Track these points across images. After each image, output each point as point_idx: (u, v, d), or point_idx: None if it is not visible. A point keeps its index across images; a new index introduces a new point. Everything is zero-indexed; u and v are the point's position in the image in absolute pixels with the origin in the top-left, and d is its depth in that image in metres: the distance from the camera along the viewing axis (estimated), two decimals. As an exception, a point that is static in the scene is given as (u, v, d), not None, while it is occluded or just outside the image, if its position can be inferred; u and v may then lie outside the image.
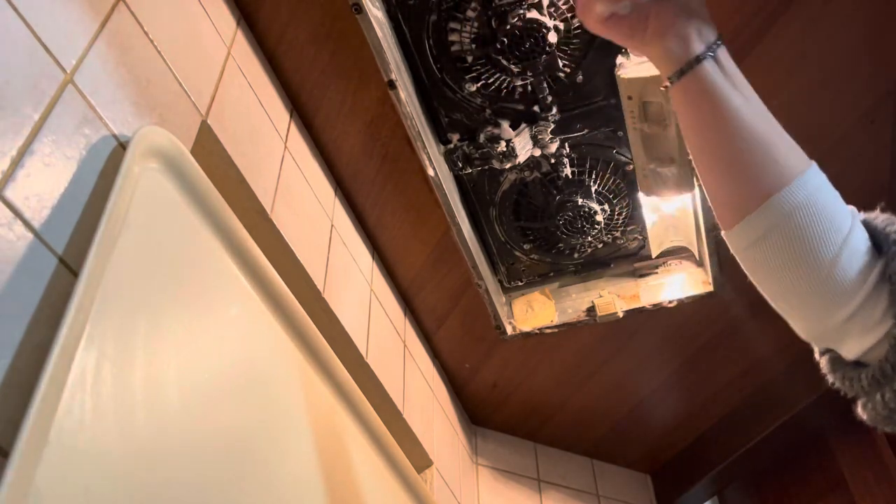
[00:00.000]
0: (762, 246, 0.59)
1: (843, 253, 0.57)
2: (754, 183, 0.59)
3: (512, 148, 1.18)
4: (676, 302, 1.40)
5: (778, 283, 0.60)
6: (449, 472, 1.48)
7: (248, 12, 1.06)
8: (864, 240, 0.59)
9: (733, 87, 0.62)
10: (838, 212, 0.59)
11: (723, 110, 0.61)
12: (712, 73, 0.62)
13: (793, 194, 0.58)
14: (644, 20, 0.66)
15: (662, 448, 1.92)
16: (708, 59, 0.62)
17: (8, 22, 0.57)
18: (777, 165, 0.59)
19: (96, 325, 0.55)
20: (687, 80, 0.63)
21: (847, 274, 0.57)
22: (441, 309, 1.49)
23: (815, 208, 0.58)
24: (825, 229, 0.57)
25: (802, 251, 0.57)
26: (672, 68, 0.64)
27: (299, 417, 0.88)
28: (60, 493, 0.48)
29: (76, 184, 0.60)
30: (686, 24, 0.63)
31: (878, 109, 1.15)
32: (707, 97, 0.62)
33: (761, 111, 0.62)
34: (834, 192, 0.60)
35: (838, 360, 0.61)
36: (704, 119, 0.62)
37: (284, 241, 0.98)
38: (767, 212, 0.58)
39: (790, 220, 0.57)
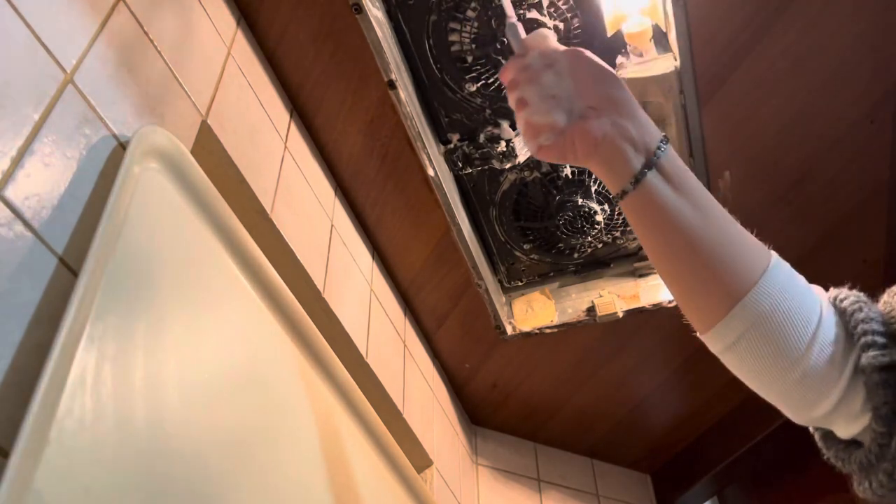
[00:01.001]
0: (735, 351, 0.59)
1: (812, 348, 0.56)
2: (717, 291, 0.58)
3: (512, 148, 1.18)
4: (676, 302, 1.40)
5: (758, 382, 0.60)
6: (449, 472, 1.48)
7: (248, 12, 1.06)
8: (832, 328, 0.57)
9: (680, 195, 0.60)
10: (805, 306, 0.57)
11: (672, 224, 0.59)
12: (656, 187, 0.60)
13: (757, 299, 0.57)
14: (571, 143, 0.65)
15: (662, 448, 1.92)
16: (648, 172, 0.60)
17: (8, 22, 0.57)
18: (737, 269, 0.58)
19: (96, 325, 0.55)
20: (631, 198, 0.61)
21: (819, 370, 0.56)
22: (441, 309, 1.49)
23: (782, 308, 0.56)
24: (793, 329, 0.56)
25: (773, 355, 0.57)
26: (615, 188, 0.63)
27: (299, 417, 0.87)
28: (60, 493, 0.48)
29: (76, 184, 0.60)
30: (617, 136, 0.62)
31: (878, 109, 1.15)
32: (654, 213, 0.60)
33: (713, 214, 0.60)
34: (799, 283, 0.59)
35: (831, 437, 0.61)
36: (656, 234, 0.61)
37: (284, 241, 0.98)
38: (735, 319, 0.58)
39: (758, 326, 0.57)
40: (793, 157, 1.23)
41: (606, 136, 0.62)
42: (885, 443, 0.53)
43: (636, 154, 0.61)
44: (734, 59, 1.09)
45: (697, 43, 1.06)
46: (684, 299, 0.63)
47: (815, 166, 1.24)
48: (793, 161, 1.23)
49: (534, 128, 0.68)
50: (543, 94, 0.67)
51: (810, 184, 1.26)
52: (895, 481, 0.53)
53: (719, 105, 1.13)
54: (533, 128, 0.68)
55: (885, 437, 0.53)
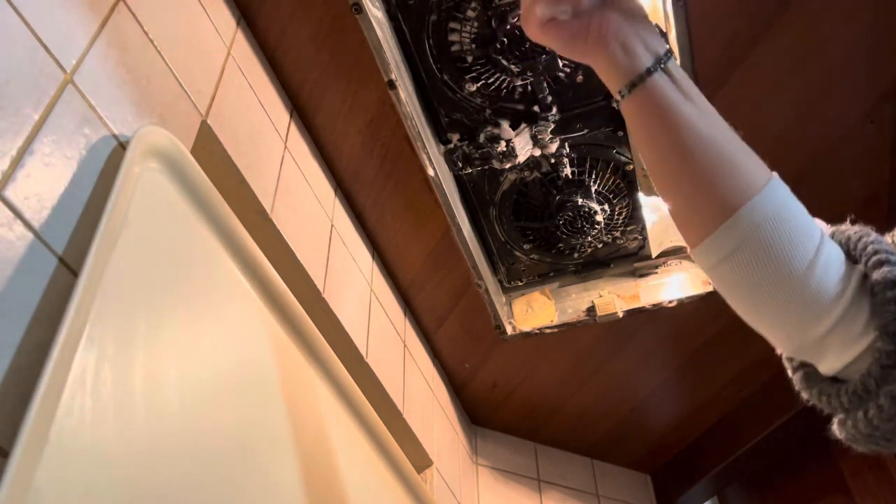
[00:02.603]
0: (731, 262, 0.56)
1: (817, 263, 0.54)
2: (717, 198, 0.56)
3: (512, 148, 1.18)
4: (676, 302, 1.40)
5: (751, 299, 0.57)
6: (449, 472, 1.48)
7: (248, 12, 1.06)
8: (837, 251, 0.56)
9: (687, 99, 0.59)
10: (807, 222, 0.56)
11: (678, 124, 0.58)
12: (664, 85, 0.59)
13: (760, 206, 0.55)
14: (586, 27, 0.62)
15: (662, 448, 1.92)
16: (658, 71, 0.59)
17: (8, 22, 0.57)
18: (739, 177, 0.56)
19: (96, 325, 0.55)
20: (638, 94, 0.59)
21: (823, 286, 0.54)
22: (441, 309, 1.49)
23: (784, 219, 0.55)
24: (796, 239, 0.54)
25: (775, 264, 0.54)
26: (621, 81, 0.61)
27: (299, 417, 0.87)
28: (60, 493, 0.48)
29: (76, 184, 0.60)
30: (631, 33, 0.61)
31: (878, 109, 1.15)
32: (660, 111, 0.59)
33: (718, 122, 0.59)
34: (799, 203, 0.57)
35: (813, 375, 0.58)
36: (659, 134, 0.59)
37: (284, 241, 0.98)
38: (734, 227, 0.55)
39: (759, 234, 0.54)
40: (793, 157, 1.23)
41: (621, 29, 0.60)
42: (891, 363, 0.51)
43: (647, 54, 0.60)
44: (734, 59, 1.09)
45: (697, 43, 1.06)
46: (684, 206, 0.60)
47: (815, 166, 1.24)
48: (793, 161, 1.23)
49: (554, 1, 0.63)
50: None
51: (810, 184, 1.26)
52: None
53: (719, 105, 1.11)
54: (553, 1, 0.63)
55: (891, 357, 0.51)
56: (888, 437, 0.53)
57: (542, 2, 0.63)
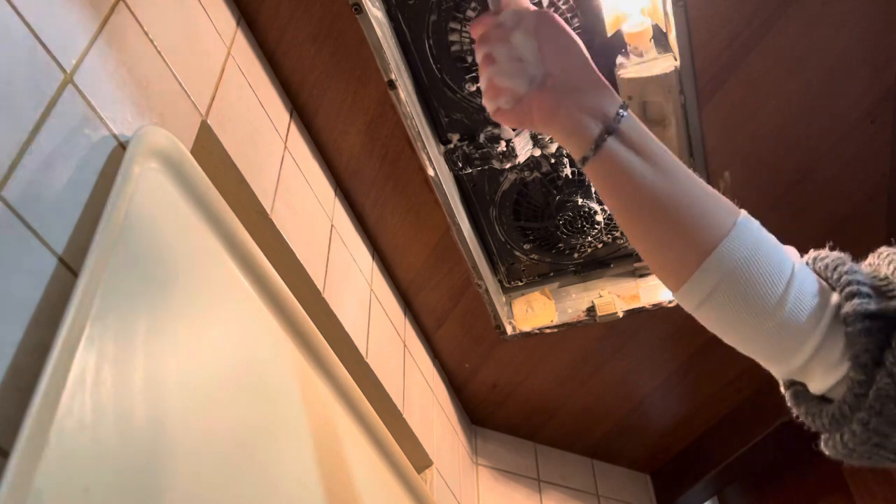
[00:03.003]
0: (710, 305, 0.59)
1: (788, 298, 0.56)
2: (685, 248, 0.59)
3: (512, 148, 1.18)
4: (676, 302, 1.40)
5: (733, 335, 0.60)
6: (449, 472, 1.48)
7: (248, 12, 1.06)
8: (812, 282, 0.57)
9: (642, 158, 0.61)
10: (777, 257, 0.57)
11: (635, 187, 0.60)
12: (616, 152, 0.61)
13: (729, 250, 0.57)
14: (528, 111, 0.66)
15: (662, 448, 1.92)
16: (608, 138, 0.61)
17: (8, 22, 0.57)
18: (704, 225, 0.58)
19: (96, 325, 0.55)
20: (592, 164, 0.62)
21: (797, 319, 0.56)
22: (441, 309, 1.49)
23: (754, 259, 0.56)
24: (766, 278, 0.56)
25: (748, 305, 0.56)
26: (576, 154, 0.63)
27: (299, 417, 0.87)
28: (60, 493, 0.48)
29: (76, 184, 0.60)
30: (572, 107, 0.63)
31: (878, 109, 1.15)
32: (616, 177, 0.61)
33: (676, 174, 0.60)
34: (769, 238, 0.59)
35: (802, 394, 0.60)
36: (619, 197, 0.62)
37: (284, 241, 0.98)
38: (706, 273, 0.58)
39: (730, 277, 0.56)
40: (793, 157, 1.23)
41: (562, 106, 0.63)
42: (862, 392, 0.53)
43: (595, 122, 0.62)
44: (734, 59, 1.09)
45: (697, 43, 1.06)
46: (655, 260, 0.63)
47: (816, 166, 1.24)
48: (793, 161, 1.23)
49: (495, 89, 0.68)
50: (511, 56, 0.67)
51: (810, 184, 1.26)
52: (869, 431, 0.52)
53: (719, 105, 1.13)
54: (494, 88, 0.68)
55: (862, 386, 0.53)
56: (866, 456, 0.55)
57: (484, 97, 0.70)
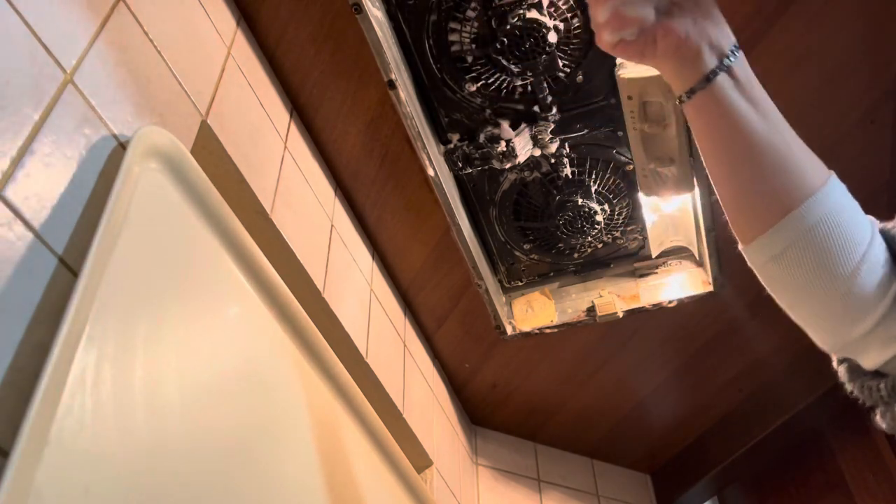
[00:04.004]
0: (780, 262, 0.58)
1: (861, 268, 0.56)
2: (772, 199, 0.58)
3: (512, 148, 1.18)
4: (676, 302, 1.40)
5: (796, 297, 0.59)
6: (449, 472, 1.48)
7: (248, 12, 1.06)
8: (883, 252, 0.58)
9: (747, 101, 0.60)
10: (857, 225, 0.58)
11: (737, 128, 0.59)
12: (725, 89, 0.60)
13: (811, 210, 0.57)
14: (652, 42, 0.63)
15: (662, 448, 1.92)
16: (720, 73, 0.60)
17: (8, 22, 0.57)
18: (795, 180, 0.58)
19: (96, 325, 0.55)
20: (698, 98, 0.61)
21: (865, 289, 0.56)
22: (441, 309, 1.49)
23: (834, 223, 0.57)
24: (844, 245, 0.56)
25: (821, 267, 0.56)
26: (683, 87, 0.62)
27: (299, 417, 0.88)
28: (60, 493, 0.48)
29: (76, 184, 0.60)
30: (695, 39, 0.61)
31: (878, 109, 1.15)
32: (720, 115, 0.60)
33: (777, 123, 0.60)
34: (853, 204, 0.59)
35: (857, 369, 0.60)
36: (718, 137, 0.61)
37: (284, 241, 0.98)
38: (786, 228, 0.57)
39: (809, 237, 0.56)
40: (793, 157, 1.22)
41: (689, 35, 0.61)
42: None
43: (710, 54, 0.60)
44: (734, 59, 1.09)
45: (697, 43, 1.05)
46: (737, 205, 0.62)
47: (815, 166, 1.24)
48: (793, 161, 1.23)
49: (621, 20, 0.64)
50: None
51: (810, 184, 1.26)
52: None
53: (719, 105, 1.13)
54: (620, 20, 0.64)
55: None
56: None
57: (606, 29, 0.64)
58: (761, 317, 1.45)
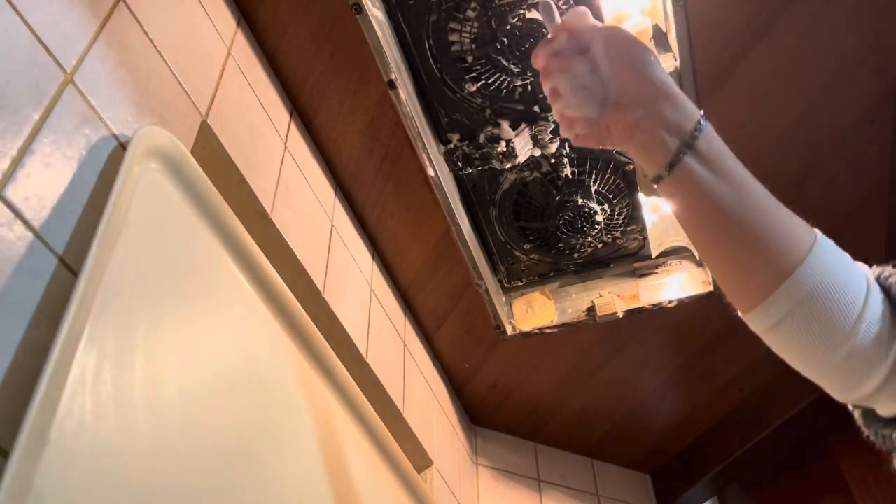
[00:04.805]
0: (779, 331, 0.58)
1: (860, 328, 0.55)
2: (759, 271, 0.57)
3: (512, 148, 1.18)
4: (676, 302, 1.40)
5: (802, 360, 0.59)
6: (449, 472, 1.48)
7: (248, 12, 1.06)
8: (879, 305, 0.56)
9: (718, 176, 0.59)
10: (852, 283, 0.56)
11: (710, 207, 0.59)
12: (692, 170, 0.59)
13: (803, 277, 0.56)
14: (607, 131, 0.65)
15: (662, 448, 1.92)
16: (685, 156, 0.59)
17: (8, 22, 0.57)
18: (780, 248, 0.57)
19: (96, 325, 0.55)
20: (667, 183, 0.60)
21: (866, 349, 0.55)
22: (441, 309, 1.49)
23: (829, 287, 0.55)
24: (840, 308, 0.55)
25: (819, 334, 0.55)
26: (652, 172, 0.62)
27: (299, 417, 0.88)
28: (60, 493, 0.48)
29: (76, 184, 0.60)
30: (649, 125, 0.61)
31: (878, 110, 1.15)
32: (691, 197, 0.60)
33: (753, 192, 0.59)
34: (845, 259, 0.58)
35: (871, 415, 0.60)
36: (693, 217, 0.61)
37: (284, 241, 0.98)
38: (780, 299, 0.57)
39: (804, 304, 0.56)
40: (793, 157, 1.23)
41: (640, 122, 0.61)
42: None
43: (671, 138, 0.60)
44: (734, 59, 1.09)
45: (697, 43, 1.06)
46: (726, 280, 0.61)
47: (816, 167, 1.24)
48: (793, 162, 1.23)
49: (567, 120, 0.67)
50: (575, 85, 0.65)
51: (810, 184, 1.26)
52: None
53: (719, 105, 1.13)
54: (566, 120, 0.67)
55: None
56: None
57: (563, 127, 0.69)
58: (761, 317, 1.44)
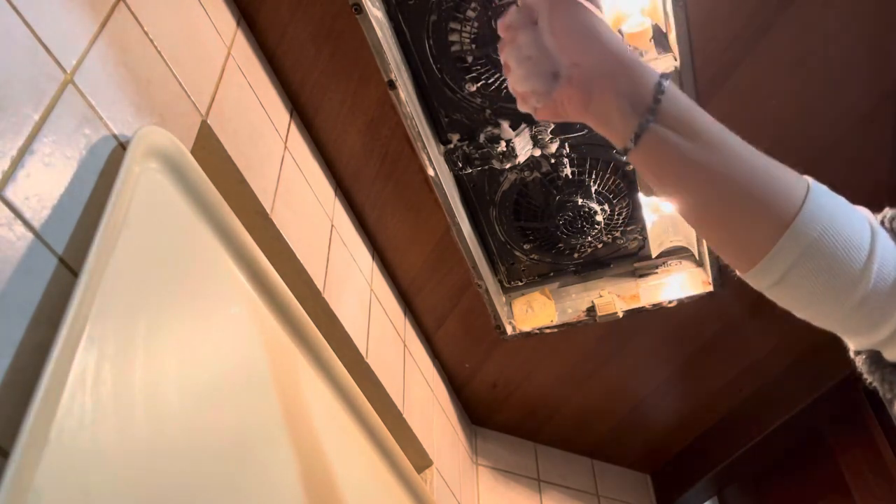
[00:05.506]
0: (785, 284, 0.54)
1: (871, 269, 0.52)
2: (757, 224, 0.54)
3: (512, 148, 1.18)
4: (676, 302, 1.40)
5: (811, 310, 0.56)
6: (449, 472, 1.48)
7: (248, 12, 1.06)
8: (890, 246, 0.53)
9: (688, 138, 0.55)
10: (855, 226, 0.53)
11: (686, 171, 0.55)
12: (662, 138, 0.55)
13: (804, 224, 0.52)
14: (562, 105, 0.61)
15: (662, 448, 1.92)
16: (649, 125, 0.55)
17: (8, 22, 0.57)
18: (773, 200, 0.53)
19: (96, 325, 0.55)
20: (636, 154, 0.57)
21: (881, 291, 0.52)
22: (441, 309, 1.49)
23: (832, 230, 0.52)
24: (847, 253, 0.52)
25: (830, 280, 0.52)
26: (617, 144, 0.58)
27: (299, 417, 0.87)
28: (60, 493, 0.48)
29: (76, 184, 0.60)
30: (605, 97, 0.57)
31: (878, 110, 1.15)
32: (665, 164, 0.56)
33: (731, 147, 0.55)
34: (843, 204, 0.55)
35: (877, 360, 0.56)
36: (670, 183, 0.57)
37: (284, 241, 0.98)
38: (782, 252, 0.53)
39: (809, 254, 0.52)
40: (793, 157, 1.21)
41: (593, 96, 0.58)
42: None
43: (631, 108, 0.56)
44: (734, 59, 1.09)
45: (697, 43, 1.06)
46: (721, 243, 0.58)
47: (816, 167, 1.22)
48: (793, 162, 1.22)
49: (519, 94, 0.65)
50: (520, 57, 0.62)
51: (810, 184, 1.26)
52: None
53: (719, 105, 1.13)
54: (518, 94, 0.65)
55: None
56: None
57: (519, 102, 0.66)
58: (761, 317, 1.44)
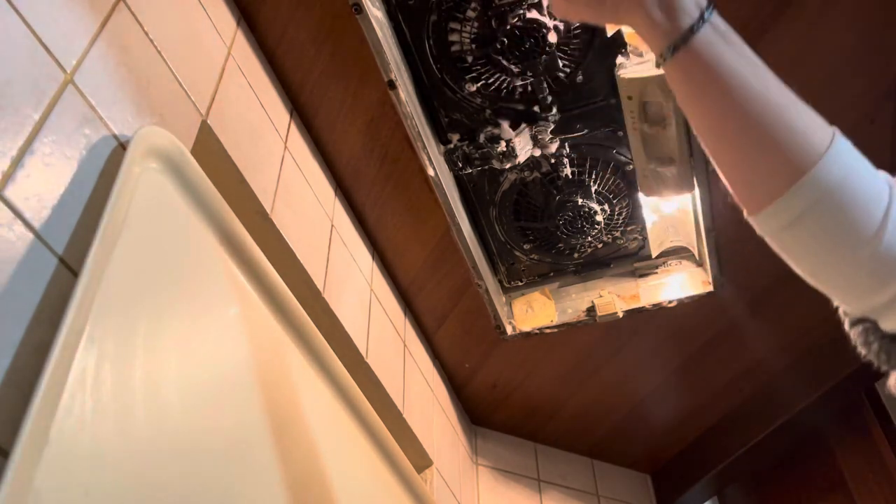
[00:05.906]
0: (796, 229, 0.53)
1: (886, 227, 0.51)
2: (779, 161, 0.52)
3: (512, 148, 1.18)
4: (676, 302, 1.40)
5: (816, 265, 0.54)
6: (449, 472, 1.48)
7: (249, 12, 1.06)
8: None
9: (738, 55, 0.54)
10: (874, 183, 0.52)
11: (731, 85, 0.53)
12: (712, 42, 0.53)
13: (827, 169, 0.51)
14: None
15: (662, 448, 1.92)
16: (704, 27, 0.53)
17: (8, 22, 0.57)
18: (802, 139, 0.52)
19: (96, 325, 0.55)
20: (683, 55, 0.54)
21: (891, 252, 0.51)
22: (441, 309, 1.49)
23: (852, 182, 0.51)
24: (865, 204, 0.51)
25: (842, 232, 0.51)
26: (662, 43, 0.55)
27: (299, 417, 0.88)
28: (60, 493, 0.48)
29: (76, 184, 0.60)
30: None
31: (878, 110, 1.15)
32: (710, 72, 0.53)
33: (772, 79, 0.54)
34: (864, 160, 0.54)
35: (873, 331, 0.55)
36: (711, 97, 0.54)
37: (284, 241, 0.98)
38: (802, 192, 0.51)
39: (827, 200, 0.51)
40: (793, 157, 1.22)
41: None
42: None
43: (690, 4, 0.54)
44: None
45: (697, 43, 1.05)
46: (739, 173, 0.56)
47: (815, 166, 1.23)
48: (793, 161, 1.23)
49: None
50: None
51: (810, 184, 1.26)
52: None
53: (719, 105, 1.13)
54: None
55: None
56: None
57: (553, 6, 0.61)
58: (761, 317, 1.44)
